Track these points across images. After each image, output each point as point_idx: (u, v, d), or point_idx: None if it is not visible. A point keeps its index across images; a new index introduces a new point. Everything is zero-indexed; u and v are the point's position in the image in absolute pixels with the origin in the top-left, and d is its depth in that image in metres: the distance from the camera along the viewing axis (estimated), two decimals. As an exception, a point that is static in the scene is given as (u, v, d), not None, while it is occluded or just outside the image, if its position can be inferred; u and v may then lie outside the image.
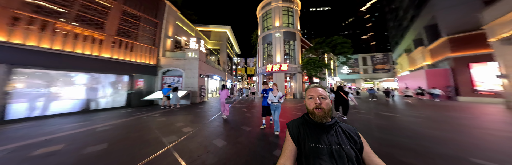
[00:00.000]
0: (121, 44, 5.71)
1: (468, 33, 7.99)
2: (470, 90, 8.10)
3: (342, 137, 0.59)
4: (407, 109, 5.19)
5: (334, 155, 0.53)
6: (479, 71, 7.84)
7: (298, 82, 11.18)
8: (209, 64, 10.02)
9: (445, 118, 3.65)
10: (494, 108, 5.35)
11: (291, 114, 4.36)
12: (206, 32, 14.67)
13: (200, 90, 7.71)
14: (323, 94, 0.63)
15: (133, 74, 6.04)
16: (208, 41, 14.50)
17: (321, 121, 0.60)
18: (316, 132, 0.60)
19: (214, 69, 11.02)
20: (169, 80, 7.41)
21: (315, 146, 0.56)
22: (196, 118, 3.85)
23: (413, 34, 13.83)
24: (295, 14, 11.68)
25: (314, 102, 0.62)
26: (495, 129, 2.71)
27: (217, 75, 11.55)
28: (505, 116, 3.93)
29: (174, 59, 7.37)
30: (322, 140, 0.57)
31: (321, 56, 11.20)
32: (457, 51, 8.49)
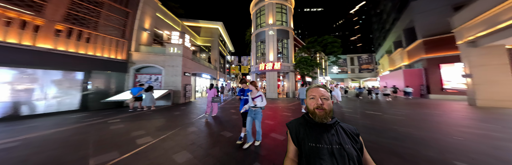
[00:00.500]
0: (70, 34, 4.55)
1: (440, 36, 8.69)
2: (439, 88, 8.94)
3: (343, 136, 0.58)
4: (387, 107, 5.43)
5: (335, 154, 0.53)
6: (447, 71, 8.66)
7: (291, 81, 11.13)
8: (198, 61, 9.26)
9: (422, 116, 3.87)
10: (459, 104, 5.94)
11: (281, 115, 4.10)
12: (196, 28, 13.65)
13: (184, 89, 7.00)
14: (325, 95, 0.62)
15: (90, 71, 4.97)
16: (197, 38, 13.53)
17: (321, 121, 0.60)
18: (317, 132, 0.60)
19: (203, 67, 10.22)
20: (145, 78, 6.49)
21: (315, 146, 0.56)
22: (169, 123, 3.28)
23: (393, 37, 14.79)
24: (288, 12, 11.45)
25: (315, 102, 0.61)
26: (466, 126, 2.88)
27: (207, 73, 10.81)
28: (469, 112, 4.36)
29: (151, 55, 6.47)
30: (322, 140, 0.57)
31: (313, 55, 11.28)
32: (430, 52, 9.24)
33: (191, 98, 7.88)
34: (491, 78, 5.32)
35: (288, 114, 4.33)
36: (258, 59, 11.95)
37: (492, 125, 2.92)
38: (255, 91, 2.07)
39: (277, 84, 11.83)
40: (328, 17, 52.63)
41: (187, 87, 7.23)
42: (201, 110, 4.98)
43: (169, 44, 6.77)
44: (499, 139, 2.19)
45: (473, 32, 5.53)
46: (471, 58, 5.73)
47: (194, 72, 8.58)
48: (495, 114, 3.98)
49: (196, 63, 8.87)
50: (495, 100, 5.20)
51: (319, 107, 0.60)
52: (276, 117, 3.85)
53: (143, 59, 6.37)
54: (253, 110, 2.03)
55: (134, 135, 2.50)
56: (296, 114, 4.22)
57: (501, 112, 4.31)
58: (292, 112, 4.66)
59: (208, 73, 11.29)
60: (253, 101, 1.99)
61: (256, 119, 2.02)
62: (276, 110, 4.93)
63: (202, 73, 10.05)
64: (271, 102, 7.58)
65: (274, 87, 10.54)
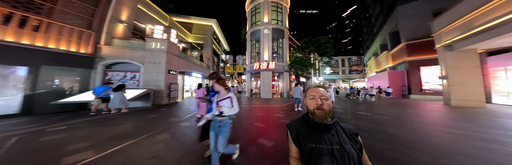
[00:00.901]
0: (9, 19, 3.62)
1: (421, 40, 9.24)
2: (418, 89, 9.53)
3: (343, 136, 0.59)
4: (375, 107, 5.54)
5: (335, 155, 0.53)
6: (426, 73, 9.25)
7: (285, 81, 11.00)
8: (187, 59, 8.61)
9: (406, 116, 3.97)
10: (436, 104, 6.36)
11: (272, 117, 3.83)
12: (187, 24, 12.87)
13: (169, 89, 6.37)
14: (325, 95, 0.62)
15: (39, 66, 4.02)
16: (188, 34, 12.76)
17: (321, 122, 0.60)
18: (317, 132, 0.60)
19: (193, 65, 9.55)
20: (118, 76, 5.69)
21: (316, 147, 0.56)
22: (135, 129, 2.70)
23: (380, 40, 15.57)
24: (284, 11, 11.33)
25: (315, 103, 0.61)
26: (447, 126, 2.95)
27: (197, 72, 10.12)
28: (446, 112, 4.61)
29: (127, 50, 5.72)
30: (322, 140, 0.57)
31: (307, 56, 11.31)
32: (412, 55, 9.80)
33: (177, 98, 7.24)
34: (464, 80, 5.71)
35: (280, 115, 4.09)
36: (253, 58, 11.66)
37: (468, 125, 3.03)
38: (223, 92, 1.43)
39: (272, 84, 11.70)
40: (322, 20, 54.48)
41: (172, 86, 6.60)
42: (185, 111, 4.49)
43: (150, 39, 6.11)
44: (480, 139, 2.22)
45: (450, 36, 5.89)
46: (447, 61, 6.10)
47: (182, 70, 7.93)
48: (467, 114, 4.24)
49: (185, 60, 8.24)
50: (467, 100, 5.59)
51: (319, 107, 0.60)
52: (267, 119, 3.58)
53: (116, 54, 5.59)
54: (217, 121, 1.37)
55: (69, 150, 1.82)
56: (289, 116, 3.98)
57: (472, 111, 4.64)
58: (285, 113, 4.42)
59: (200, 72, 10.60)
60: (218, 106, 1.32)
61: (221, 134, 1.34)
62: (268, 111, 4.68)
63: (192, 71, 9.38)
64: (265, 102, 7.33)
65: (269, 87, 10.33)
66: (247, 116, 3.96)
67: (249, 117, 3.83)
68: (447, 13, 5.85)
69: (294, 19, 54.11)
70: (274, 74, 12.36)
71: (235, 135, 2.40)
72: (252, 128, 2.84)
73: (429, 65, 9.11)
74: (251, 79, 12.11)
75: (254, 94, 11.52)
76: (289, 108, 5.40)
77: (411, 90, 9.87)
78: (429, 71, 9.18)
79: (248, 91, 11.72)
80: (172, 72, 6.61)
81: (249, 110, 4.86)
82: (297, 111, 4.66)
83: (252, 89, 11.98)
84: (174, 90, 6.81)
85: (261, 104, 6.65)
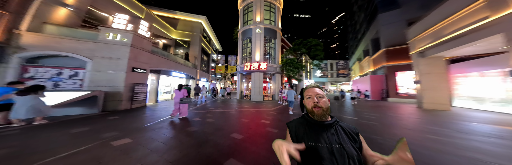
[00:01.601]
0: None
1: (398, 46, 9.95)
2: (395, 92, 10.19)
3: (342, 136, 0.59)
4: (360, 111, 5.53)
5: (335, 154, 0.53)
6: (401, 78, 9.97)
7: (277, 83, 10.64)
8: (166, 56, 7.54)
9: (390, 120, 3.98)
10: (411, 107, 6.78)
11: (256, 124, 3.27)
12: (171, 20, 11.63)
13: (131, 90, 5.13)
14: (320, 93, 0.64)
15: None
16: (171, 30, 11.54)
17: (320, 120, 0.61)
18: (316, 131, 0.61)
19: (174, 63, 8.43)
20: (47, 73, 4.28)
21: (315, 145, 0.56)
22: (18, 156, 1.71)
23: (363, 46, 16.65)
24: (277, 12, 11.12)
25: (312, 101, 0.63)
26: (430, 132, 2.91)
27: (180, 71, 9.00)
28: (422, 115, 4.82)
29: (67, 40, 4.40)
30: (322, 139, 0.58)
31: (299, 58, 11.25)
32: (390, 61, 10.52)
33: (146, 101, 5.94)
34: (433, 85, 6.14)
35: (266, 122, 3.55)
36: (244, 58, 11.12)
37: (446, 130, 3.09)
38: None
39: (263, 86, 11.33)
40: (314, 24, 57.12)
41: (138, 88, 5.36)
42: (144, 120, 3.54)
43: (107, 29, 4.90)
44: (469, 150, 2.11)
45: (422, 44, 6.31)
46: (420, 67, 6.53)
47: (157, 68, 6.84)
48: (439, 117, 4.48)
49: (162, 58, 7.16)
50: (436, 103, 6.00)
51: (316, 105, 0.62)
52: (249, 128, 3.01)
53: (47, 44, 4.22)
54: None
55: None
56: (276, 123, 3.47)
57: (440, 114, 4.97)
58: (272, 119, 3.89)
59: (183, 71, 9.50)
60: None
61: None
62: (254, 117, 4.12)
63: (171, 70, 8.24)
64: (254, 105, 6.77)
65: (260, 89, 9.83)
66: (227, 123, 3.37)
67: (229, 125, 3.24)
68: (420, 21, 6.28)
69: (288, 23, 55.89)
70: (265, 76, 12.01)
71: (197, 153, 1.80)
72: (227, 141, 2.25)
73: (404, 70, 9.85)
74: (241, 81, 11.55)
75: (244, 96, 10.84)
76: (279, 112, 4.96)
77: (389, 93, 10.54)
78: (404, 76, 9.93)
79: (238, 93, 11.10)
80: (139, 70, 5.49)
81: (233, 116, 4.25)
82: (290, 115, 4.57)
83: (242, 91, 11.37)
84: (141, 91, 5.55)
85: (249, 107, 6.08)
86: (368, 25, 14.09)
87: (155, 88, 7.10)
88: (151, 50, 6.20)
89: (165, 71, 7.82)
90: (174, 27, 11.77)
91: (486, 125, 3.45)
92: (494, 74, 5.46)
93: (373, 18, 12.66)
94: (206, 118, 3.86)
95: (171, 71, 8.35)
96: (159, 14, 10.88)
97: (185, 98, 3.80)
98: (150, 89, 6.67)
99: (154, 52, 6.50)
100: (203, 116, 4.17)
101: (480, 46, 4.56)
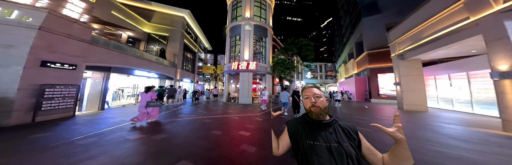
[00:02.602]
0: None
1: (379, 50, 10.47)
2: (377, 94, 10.63)
3: (341, 134, 0.60)
4: (348, 114, 5.35)
5: (333, 152, 0.54)
6: (382, 80, 10.46)
7: (268, 84, 10.00)
8: (126, 51, 6.09)
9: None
10: (393, 108, 7.01)
11: (232, 138, 2.49)
12: (143, 11, 9.97)
13: (37, 95, 3.45)
14: (318, 93, 0.66)
15: None
16: (143, 23, 9.82)
17: (318, 118, 0.63)
18: (315, 130, 0.62)
19: (138, 60, 6.93)
20: None
21: (313, 144, 0.57)
22: None
23: (348, 49, 17.52)
24: (268, 9, 10.68)
25: (310, 101, 0.65)
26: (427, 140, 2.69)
27: (149, 70, 7.59)
28: (406, 117, 4.84)
29: None
30: (320, 137, 0.59)
31: (290, 58, 10.92)
32: (372, 63, 11.03)
33: (75, 110, 4.14)
34: (412, 86, 6.36)
35: (246, 133, 2.82)
36: (232, 58, 10.26)
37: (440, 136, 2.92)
38: None
39: (253, 87, 10.62)
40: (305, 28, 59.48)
41: (53, 91, 3.67)
42: (44, 140, 2.36)
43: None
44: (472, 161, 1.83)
45: (402, 46, 6.53)
46: (400, 69, 6.75)
47: (103, 64, 5.14)
48: (423, 119, 4.51)
49: (113, 51, 5.52)
50: (415, 105, 6.20)
51: (314, 104, 0.63)
52: (217, 147, 2.17)
53: None
54: None
55: None
56: (259, 135, 2.78)
57: (421, 116, 5.11)
58: (255, 128, 3.19)
59: (153, 70, 8.07)
60: None
61: None
62: (233, 126, 3.33)
63: (133, 68, 6.62)
64: (240, 109, 5.90)
65: (249, 91, 9.04)
66: (187, 140, 2.44)
67: (186, 143, 2.31)
68: (400, 25, 6.51)
69: (281, 25, 57.23)
70: (255, 76, 11.39)
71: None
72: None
73: (385, 72, 10.39)
74: (229, 81, 10.64)
75: (232, 99, 9.90)
76: (265, 118, 4.25)
77: (371, 94, 10.96)
78: (384, 78, 10.46)
79: (225, 94, 10.13)
80: (59, 66, 3.84)
81: (204, 126, 3.35)
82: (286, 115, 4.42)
83: (229, 93, 10.42)
84: (62, 96, 3.84)
85: (234, 112, 5.28)
86: (352, 29, 14.83)
87: (101, 91, 5.22)
88: (90, 40, 4.57)
89: (121, 69, 6.00)
90: (148, 19, 10.26)
91: (470, 128, 3.46)
92: (461, 77, 5.86)
93: (357, 22, 13.33)
94: (160, 132, 2.85)
95: (133, 69, 6.66)
96: (124, 3, 9.31)
97: (152, 101, 3.49)
98: (91, 93, 5.06)
99: (97, 42, 4.98)
100: (160, 128, 3.15)
101: (454, 49, 4.75)
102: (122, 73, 6.23)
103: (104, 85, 5.27)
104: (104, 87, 5.26)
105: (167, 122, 3.66)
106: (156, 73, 8.41)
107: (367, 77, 11.63)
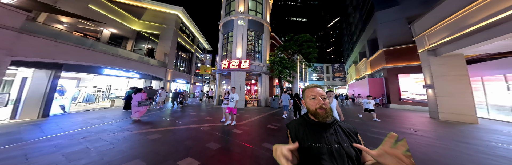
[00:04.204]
0: None
1: (399, 46, 9.02)
2: (397, 98, 9.06)
3: (341, 135, 0.61)
4: (371, 126, 4.02)
5: (334, 154, 0.55)
6: (404, 82, 8.89)
7: (264, 85, 9.02)
8: (89, 46, 5.29)
9: (413, 139, 2.48)
10: (423, 118, 5.52)
11: None
12: (133, 8, 9.57)
13: None
14: (324, 94, 0.65)
15: None
16: (132, 20, 9.49)
17: (324, 121, 0.62)
18: (316, 131, 0.62)
19: (112, 57, 6.23)
20: None
21: (315, 146, 0.58)
22: None
23: (359, 47, 16.02)
24: (265, 3, 9.93)
25: (318, 103, 0.63)
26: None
27: (125, 69, 6.84)
28: (447, 131, 3.55)
29: None
30: (321, 139, 0.59)
31: (290, 57, 9.89)
32: (390, 62, 9.54)
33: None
34: (451, 90, 4.95)
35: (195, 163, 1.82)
36: (224, 57, 9.40)
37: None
38: None
39: (245, 88, 9.71)
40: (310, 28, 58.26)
41: None
42: None
43: None
44: None
45: (434, 39, 5.22)
46: (432, 68, 5.37)
47: (48, 60, 4.19)
48: (471, 135, 3.17)
49: (65, 44, 4.55)
50: (457, 114, 4.75)
51: (322, 107, 0.62)
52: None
53: None
54: None
55: None
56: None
57: (473, 130, 3.70)
58: (213, 155, 2.16)
59: (133, 69, 7.39)
60: None
61: None
62: (187, 147, 2.31)
63: (101, 67, 5.78)
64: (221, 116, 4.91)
65: (241, 93, 8.08)
66: None
67: None
68: (431, 12, 5.23)
69: (286, 26, 56.68)
70: (251, 77, 10.53)
71: None
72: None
73: (407, 73, 8.84)
74: (221, 82, 9.78)
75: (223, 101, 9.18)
76: (245, 131, 3.22)
77: (390, 98, 9.38)
78: (407, 79, 8.89)
79: (216, 97, 9.28)
80: None
81: (154, 143, 2.43)
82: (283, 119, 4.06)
83: (221, 95, 9.54)
84: None
85: (211, 120, 4.31)
86: (364, 25, 13.47)
87: (44, 93, 4.26)
88: (18, 28, 3.53)
89: (80, 67, 5.10)
90: (138, 17, 9.91)
91: None
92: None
93: (369, 17, 12.02)
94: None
95: (101, 67, 5.86)
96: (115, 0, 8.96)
97: (143, 101, 4.11)
98: (30, 96, 4.11)
99: (37, 32, 3.97)
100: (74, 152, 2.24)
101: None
102: (82, 72, 5.35)
103: (50, 86, 4.31)
104: (50, 88, 4.31)
105: (110, 137, 2.77)
106: (137, 72, 7.76)
107: (384, 78, 10.09)
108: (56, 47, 4.40)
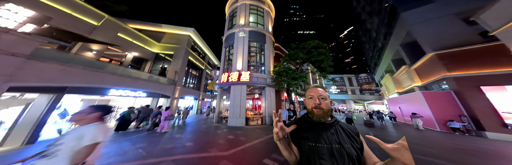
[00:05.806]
0: None
1: (462, 47, 6.68)
2: (497, 123, 5.65)
3: (342, 136, 0.64)
4: None
5: (335, 154, 0.58)
6: (499, 97, 5.75)
7: (268, 100, 7.72)
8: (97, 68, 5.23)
9: None
10: None
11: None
12: (156, 33, 11.57)
13: None
14: (323, 95, 0.69)
15: None
16: (153, 44, 11.00)
17: (319, 120, 0.66)
18: (316, 131, 0.66)
19: (117, 78, 6.17)
20: None
21: (315, 146, 0.61)
22: None
23: (390, 54, 13.61)
24: (266, 15, 10.43)
25: (313, 102, 0.68)
26: None
27: (132, 88, 6.81)
28: None
29: None
30: (322, 139, 0.62)
31: (299, 67, 8.79)
32: (454, 69, 6.88)
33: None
34: None
35: None
36: (225, 70, 9.17)
37: None
38: None
39: (246, 104, 8.40)
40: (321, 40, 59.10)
41: None
42: None
43: None
44: None
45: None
46: None
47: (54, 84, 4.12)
48: None
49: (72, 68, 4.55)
50: None
51: (317, 106, 0.66)
52: None
53: None
54: None
55: None
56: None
57: None
58: None
59: (140, 88, 7.36)
60: None
61: None
62: None
63: (108, 87, 5.66)
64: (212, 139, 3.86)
65: (241, 109, 6.98)
66: None
67: None
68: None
69: (293, 39, 59.41)
70: (253, 90, 9.42)
71: None
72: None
73: (494, 84, 5.89)
74: (221, 97, 8.90)
75: (223, 119, 7.96)
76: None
77: (482, 123, 5.94)
78: (502, 93, 5.77)
79: (216, 114, 8.18)
80: None
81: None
82: None
83: (221, 111, 8.50)
84: None
85: (195, 147, 3.08)
86: (389, 29, 11.82)
87: (37, 119, 3.89)
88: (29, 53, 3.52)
89: (86, 89, 4.99)
90: (158, 40, 11.57)
91: None
92: None
93: (393, 19, 10.56)
94: None
95: (108, 88, 5.78)
96: (138, 28, 10.82)
97: (169, 116, 5.46)
98: (22, 122, 3.83)
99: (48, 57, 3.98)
100: None
101: None
102: (88, 94, 5.25)
103: (46, 110, 3.98)
104: (46, 112, 3.96)
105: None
106: (144, 91, 7.78)
107: (452, 91, 7.04)
108: (62, 71, 4.38)
